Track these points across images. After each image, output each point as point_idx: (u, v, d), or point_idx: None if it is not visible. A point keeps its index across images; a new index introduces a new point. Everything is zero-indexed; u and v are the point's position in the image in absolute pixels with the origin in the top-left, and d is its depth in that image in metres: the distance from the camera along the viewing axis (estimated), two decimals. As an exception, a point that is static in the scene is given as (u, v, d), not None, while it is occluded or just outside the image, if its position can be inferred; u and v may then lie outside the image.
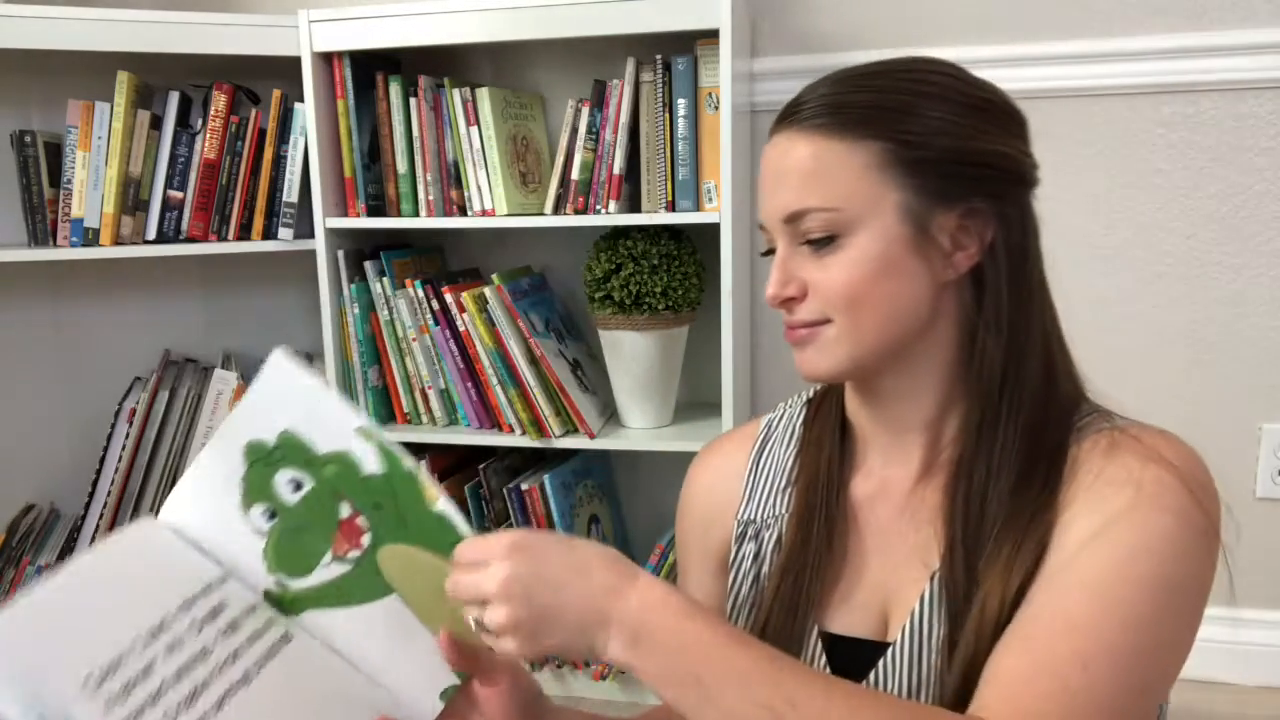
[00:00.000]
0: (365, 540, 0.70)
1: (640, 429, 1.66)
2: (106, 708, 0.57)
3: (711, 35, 1.48)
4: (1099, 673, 0.60)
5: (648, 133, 1.58)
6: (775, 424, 0.87)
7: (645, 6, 1.48)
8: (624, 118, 1.57)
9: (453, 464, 1.73)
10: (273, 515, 0.71)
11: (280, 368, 0.71)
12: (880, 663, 0.72)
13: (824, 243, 0.69)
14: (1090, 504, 0.66)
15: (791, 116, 0.72)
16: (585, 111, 1.61)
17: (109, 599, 0.64)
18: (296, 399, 0.70)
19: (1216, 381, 1.64)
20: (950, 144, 0.69)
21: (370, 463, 0.69)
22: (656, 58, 1.55)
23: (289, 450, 0.70)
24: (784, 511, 0.81)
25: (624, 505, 1.89)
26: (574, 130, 1.62)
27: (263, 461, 0.70)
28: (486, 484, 1.67)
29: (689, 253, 1.61)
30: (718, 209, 1.53)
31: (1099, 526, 0.64)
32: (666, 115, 1.56)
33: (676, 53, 1.54)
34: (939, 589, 0.71)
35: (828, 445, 0.80)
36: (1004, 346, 0.71)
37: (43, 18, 1.53)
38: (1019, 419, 0.70)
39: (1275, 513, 1.65)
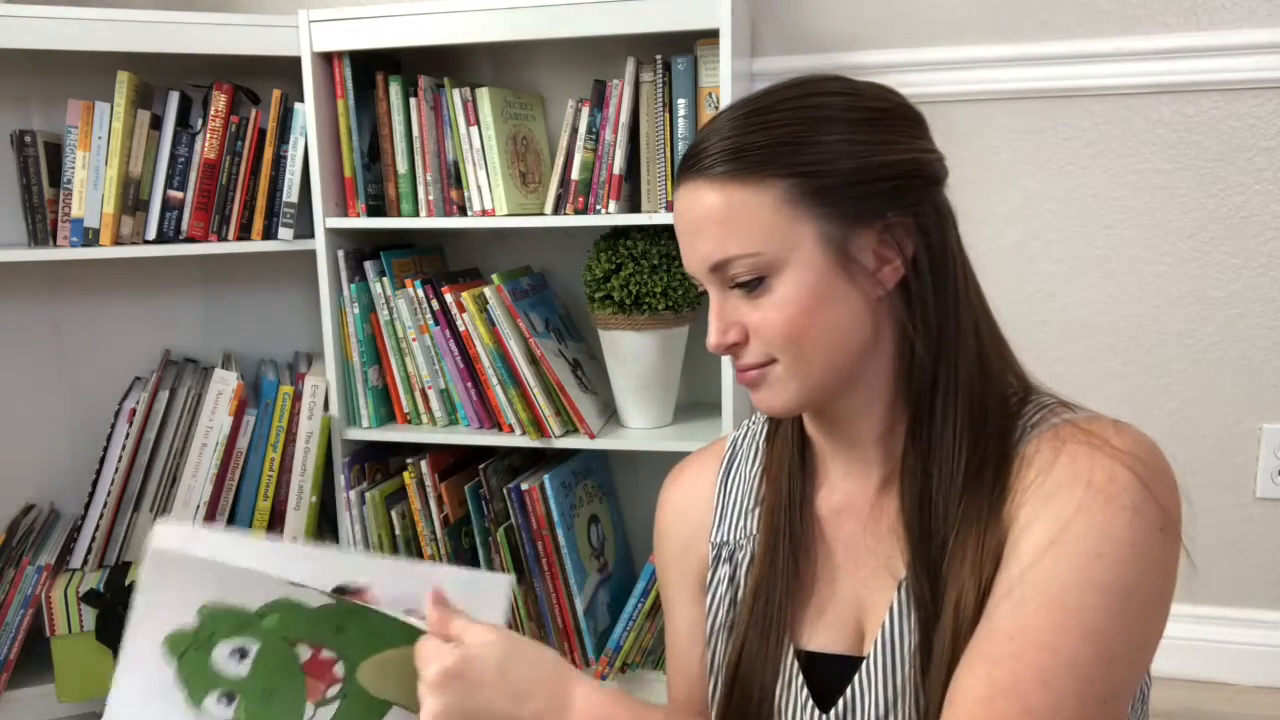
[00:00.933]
0: (339, 670, 0.67)
1: (640, 429, 1.66)
2: None
3: (711, 35, 1.48)
4: (1061, 689, 0.60)
5: (648, 133, 1.58)
6: (740, 442, 0.87)
7: (645, 6, 1.48)
8: (624, 118, 1.57)
9: (453, 464, 1.73)
10: (230, 698, 0.66)
11: (164, 556, 0.63)
12: (855, 677, 0.72)
13: (753, 285, 0.70)
14: (1041, 505, 0.65)
15: (694, 166, 0.71)
16: (585, 111, 1.61)
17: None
18: (200, 574, 0.63)
19: (1216, 381, 1.64)
20: (853, 165, 0.68)
21: (314, 597, 0.65)
22: (656, 58, 1.55)
23: (216, 623, 0.64)
24: (754, 531, 0.81)
25: (624, 505, 1.89)
26: (574, 130, 1.62)
27: (192, 649, 0.65)
28: (486, 484, 1.67)
29: (689, 253, 1.61)
30: (718, 209, 1.53)
31: (1054, 532, 0.63)
32: (666, 115, 1.56)
33: (676, 53, 1.54)
34: (907, 597, 0.71)
35: (787, 456, 0.80)
36: (934, 349, 0.71)
37: (43, 18, 1.53)
38: (957, 418, 0.70)
39: (1275, 513, 1.65)
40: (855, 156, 0.68)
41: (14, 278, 1.78)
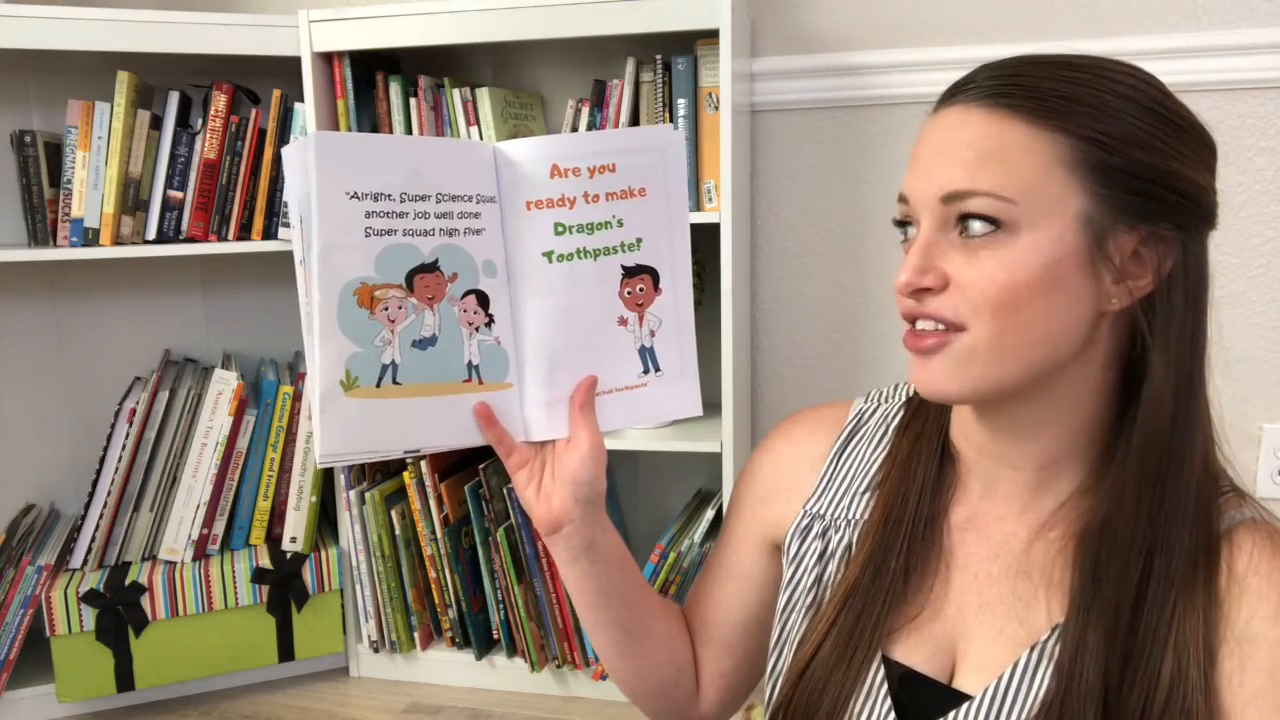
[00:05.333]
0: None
1: (640, 429, 1.66)
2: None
3: (711, 35, 1.48)
4: None
5: (648, 133, 1.58)
6: (866, 416, 0.81)
7: (645, 6, 1.48)
8: (624, 118, 1.57)
9: (453, 464, 1.73)
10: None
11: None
12: (953, 715, 0.67)
13: (983, 231, 0.61)
14: (1271, 673, 0.60)
15: (969, 89, 0.64)
16: (585, 111, 1.61)
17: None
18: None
19: (1217, 381, 1.63)
20: (1146, 159, 0.61)
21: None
22: (656, 58, 1.55)
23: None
24: (860, 517, 0.76)
25: (624, 505, 1.89)
26: (574, 130, 1.62)
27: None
28: (486, 484, 1.67)
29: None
30: (718, 209, 1.53)
31: None
32: (666, 115, 1.56)
33: (676, 53, 1.54)
34: (1043, 657, 0.65)
35: (923, 462, 0.73)
36: (1174, 402, 0.63)
37: (43, 18, 1.53)
38: (1187, 492, 0.63)
39: (1276, 512, 1.65)
40: (1151, 151, 0.61)
41: (14, 278, 1.78)
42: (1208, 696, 0.61)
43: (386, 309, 0.70)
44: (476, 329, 0.74)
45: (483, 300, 0.74)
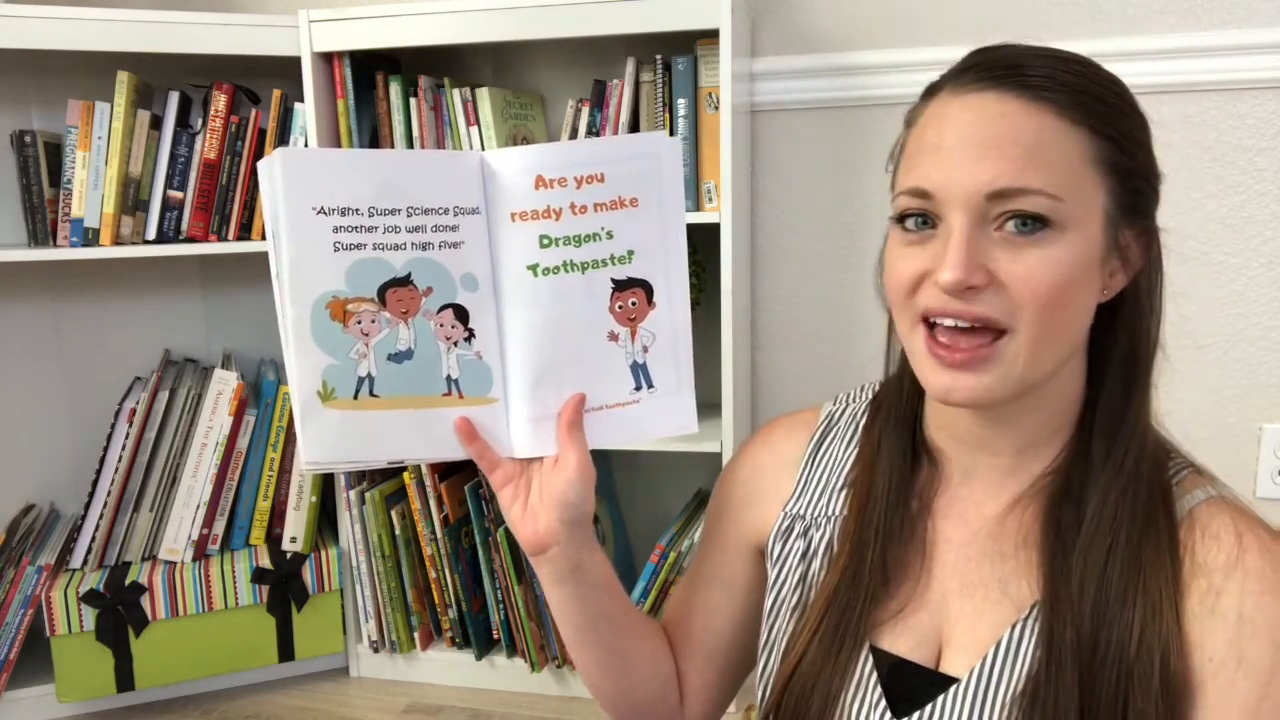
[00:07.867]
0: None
1: (640, 429, 1.66)
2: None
3: (711, 35, 1.48)
4: None
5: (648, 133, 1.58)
6: (837, 417, 0.82)
7: (645, 6, 1.48)
8: (624, 118, 1.57)
9: (453, 464, 1.73)
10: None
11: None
12: (941, 698, 0.68)
13: (1032, 231, 0.61)
14: (1239, 647, 0.62)
15: (1009, 77, 0.62)
16: (585, 111, 1.61)
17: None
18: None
19: (1216, 381, 1.64)
20: (1144, 158, 0.65)
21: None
22: (656, 58, 1.55)
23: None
24: (837, 513, 0.76)
25: (624, 506, 1.89)
26: (574, 130, 1.62)
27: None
28: (486, 484, 1.67)
29: (689, 253, 1.61)
30: (718, 209, 1.53)
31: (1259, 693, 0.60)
32: (666, 115, 1.56)
33: (676, 53, 1.54)
34: (1030, 640, 0.66)
35: (891, 460, 0.74)
36: (1138, 381, 0.67)
37: (43, 18, 1.53)
38: (1142, 461, 0.66)
39: (1275, 513, 1.64)
40: (1144, 150, 0.65)
41: (14, 278, 1.78)
42: (1179, 675, 0.62)
43: (359, 322, 0.70)
44: (455, 343, 0.73)
45: (461, 314, 0.73)
